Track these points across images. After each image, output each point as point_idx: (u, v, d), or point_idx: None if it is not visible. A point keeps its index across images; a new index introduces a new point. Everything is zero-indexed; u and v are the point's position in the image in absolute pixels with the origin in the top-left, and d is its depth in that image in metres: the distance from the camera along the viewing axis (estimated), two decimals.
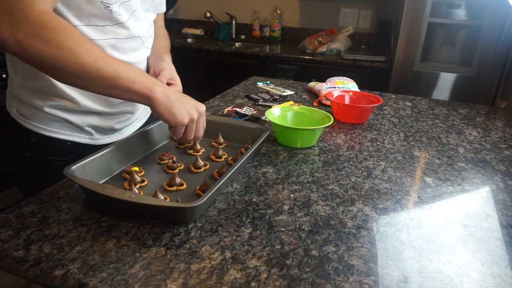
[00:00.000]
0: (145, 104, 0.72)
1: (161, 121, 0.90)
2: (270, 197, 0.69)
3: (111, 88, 0.68)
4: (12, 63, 0.84)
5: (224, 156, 0.84)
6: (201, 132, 0.79)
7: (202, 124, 0.78)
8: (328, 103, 1.24)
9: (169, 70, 0.95)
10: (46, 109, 0.83)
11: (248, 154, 0.76)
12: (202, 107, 0.77)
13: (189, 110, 0.74)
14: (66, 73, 0.65)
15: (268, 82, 1.53)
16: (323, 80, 1.45)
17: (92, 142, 0.90)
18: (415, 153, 0.91)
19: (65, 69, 0.64)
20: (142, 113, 1.04)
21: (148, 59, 0.98)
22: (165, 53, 1.02)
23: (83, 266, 0.50)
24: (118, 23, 0.80)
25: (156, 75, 0.92)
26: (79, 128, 0.87)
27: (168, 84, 0.90)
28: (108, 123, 0.91)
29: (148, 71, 0.99)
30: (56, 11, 0.73)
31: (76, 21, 0.75)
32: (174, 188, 0.70)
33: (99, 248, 0.54)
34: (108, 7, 0.76)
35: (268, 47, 2.78)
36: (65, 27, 0.63)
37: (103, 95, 0.75)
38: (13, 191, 2.13)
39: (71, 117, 0.85)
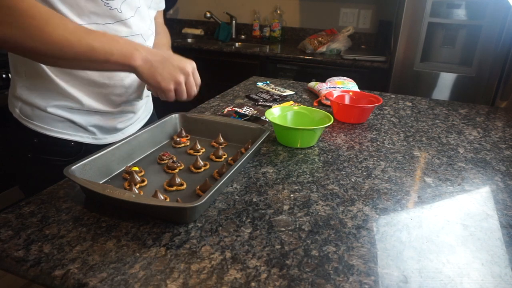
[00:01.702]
0: (129, 72, 0.72)
1: (161, 121, 0.90)
2: (270, 197, 0.69)
3: (88, 61, 0.69)
4: (15, 64, 0.84)
5: (224, 156, 0.84)
6: (193, 91, 0.77)
7: (193, 83, 0.76)
8: (328, 103, 1.24)
9: None
10: (49, 109, 0.83)
11: (248, 154, 0.76)
12: (188, 66, 0.75)
13: (173, 73, 0.73)
14: (42, 54, 0.66)
15: (268, 82, 1.53)
16: (323, 80, 1.45)
17: (95, 142, 0.90)
18: (415, 153, 0.91)
19: (40, 51, 0.64)
20: (143, 113, 1.04)
21: None
22: (166, 50, 1.01)
23: (83, 266, 0.50)
24: (120, 21, 0.80)
25: None
26: (83, 128, 0.87)
27: None
28: (110, 123, 0.91)
29: None
30: (56, 9, 0.73)
31: (77, 20, 0.75)
32: (174, 188, 0.70)
33: (99, 248, 0.54)
34: (108, 3, 0.76)
35: (268, 47, 2.78)
36: (32, 9, 0.63)
37: (87, 70, 0.75)
38: (13, 191, 2.13)
39: (74, 117, 0.85)
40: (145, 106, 1.06)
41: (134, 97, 0.93)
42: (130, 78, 0.88)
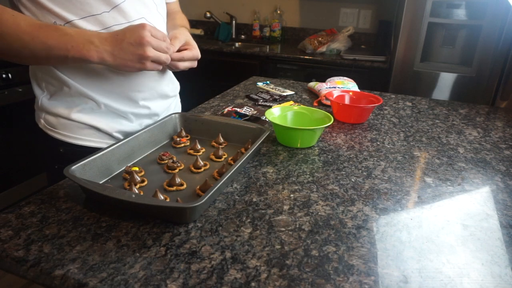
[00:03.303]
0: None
1: (161, 121, 0.90)
2: (270, 197, 0.69)
3: (49, 59, 0.69)
4: (36, 80, 0.84)
5: (224, 156, 0.84)
6: (165, 49, 0.73)
7: (159, 43, 0.72)
8: (328, 103, 1.24)
9: (182, 36, 0.85)
10: (73, 116, 0.82)
11: (248, 154, 0.76)
12: (143, 34, 0.70)
13: (137, 52, 0.70)
14: (2, 55, 0.67)
15: (268, 82, 1.53)
16: (323, 80, 1.45)
17: None
18: (415, 153, 0.91)
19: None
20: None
21: None
22: (178, 26, 0.95)
23: (83, 266, 0.50)
24: (114, 7, 0.77)
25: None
26: (108, 135, 0.86)
27: (182, 50, 0.85)
28: (135, 128, 0.90)
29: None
30: (48, 10, 0.73)
31: (70, 16, 0.74)
32: (174, 188, 0.70)
33: (99, 248, 0.54)
34: None
35: (268, 47, 2.78)
36: None
37: (59, 65, 0.76)
38: (13, 191, 2.13)
39: (98, 122, 0.84)
40: (173, 109, 1.04)
41: (156, 92, 0.91)
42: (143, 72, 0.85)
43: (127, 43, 0.70)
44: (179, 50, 0.84)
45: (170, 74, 1.00)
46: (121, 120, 0.87)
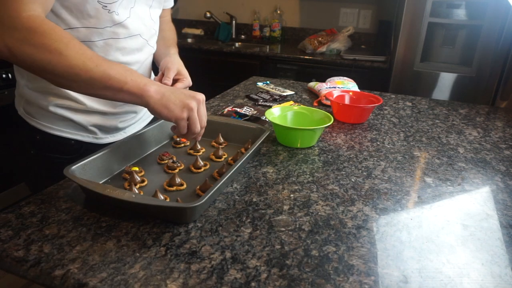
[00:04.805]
0: (139, 104, 0.70)
1: (161, 121, 0.90)
2: (270, 197, 0.69)
3: (103, 89, 0.68)
4: (20, 70, 0.86)
5: (224, 156, 0.84)
6: (203, 121, 0.74)
7: (204, 112, 0.74)
8: (328, 103, 1.24)
9: (174, 66, 0.89)
10: (51, 108, 0.84)
11: (248, 154, 0.76)
12: (199, 95, 0.73)
13: (185, 100, 0.70)
14: (57, 76, 0.66)
15: (268, 82, 1.53)
16: (323, 80, 1.45)
17: (95, 141, 0.91)
18: (415, 153, 0.91)
19: (56, 72, 0.65)
20: (147, 112, 1.04)
21: (154, 54, 0.97)
22: (170, 46, 0.99)
23: (83, 266, 0.50)
24: (118, 23, 0.80)
25: (161, 77, 0.89)
26: (83, 127, 0.88)
27: (176, 80, 0.88)
28: (112, 123, 0.92)
29: (154, 67, 0.99)
30: (55, 13, 0.74)
31: (77, 23, 0.76)
32: (174, 188, 0.70)
33: (99, 248, 0.54)
34: (106, 6, 0.76)
35: (268, 47, 2.78)
36: (54, 31, 0.64)
37: (99, 97, 0.74)
38: (13, 191, 2.13)
39: (75, 116, 0.86)
40: None
41: None
42: None
43: (181, 92, 0.72)
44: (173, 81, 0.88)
45: (151, 74, 1.03)
46: (98, 115, 0.89)
